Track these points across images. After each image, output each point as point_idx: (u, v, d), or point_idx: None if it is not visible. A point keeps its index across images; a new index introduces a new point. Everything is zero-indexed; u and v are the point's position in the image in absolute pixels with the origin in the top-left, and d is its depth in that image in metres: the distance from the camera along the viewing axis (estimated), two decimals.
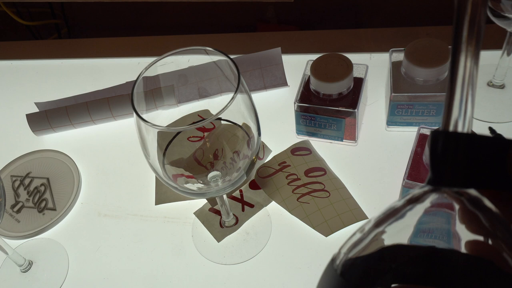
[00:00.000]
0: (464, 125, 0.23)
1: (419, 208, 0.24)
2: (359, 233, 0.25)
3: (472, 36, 0.23)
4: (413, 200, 0.24)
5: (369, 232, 0.24)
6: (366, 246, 0.24)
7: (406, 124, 0.64)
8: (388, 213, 0.24)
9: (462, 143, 0.23)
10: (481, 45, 0.23)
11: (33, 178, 0.70)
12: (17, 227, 0.65)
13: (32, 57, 0.91)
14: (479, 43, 0.23)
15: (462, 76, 0.23)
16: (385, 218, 0.24)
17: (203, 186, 0.49)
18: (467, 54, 0.23)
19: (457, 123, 0.23)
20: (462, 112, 0.23)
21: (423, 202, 0.24)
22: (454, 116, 0.23)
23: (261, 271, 0.57)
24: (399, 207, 0.24)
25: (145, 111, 0.45)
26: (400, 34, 0.79)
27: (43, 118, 0.73)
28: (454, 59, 0.23)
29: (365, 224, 0.25)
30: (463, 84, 0.23)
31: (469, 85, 0.23)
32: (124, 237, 0.63)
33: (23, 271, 0.61)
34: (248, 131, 0.47)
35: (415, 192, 0.24)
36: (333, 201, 0.60)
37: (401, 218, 0.24)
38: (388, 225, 0.24)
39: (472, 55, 0.23)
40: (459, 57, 0.23)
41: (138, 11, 1.08)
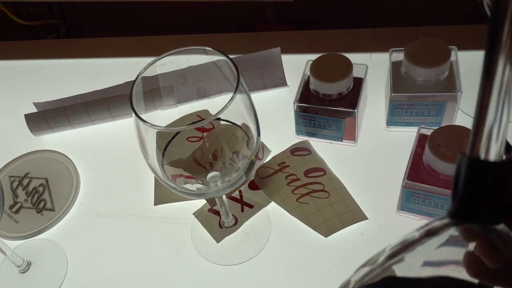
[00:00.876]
0: (497, 151, 0.20)
1: (434, 241, 0.22)
2: (369, 266, 0.23)
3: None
4: (431, 233, 0.22)
5: (382, 264, 0.22)
6: (376, 276, 0.22)
7: (406, 124, 0.64)
8: (404, 245, 0.22)
9: (495, 174, 0.20)
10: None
11: (32, 179, 0.70)
12: (16, 228, 0.65)
13: (31, 57, 0.91)
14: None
15: (498, 90, 0.19)
16: (399, 250, 0.22)
17: (202, 187, 0.49)
18: (506, 63, 0.19)
19: (489, 149, 0.20)
20: (495, 135, 0.20)
21: (439, 236, 0.21)
22: (485, 140, 0.20)
23: (261, 272, 0.57)
24: (415, 239, 0.22)
25: (144, 111, 0.45)
26: (400, 34, 0.79)
27: (42, 118, 0.73)
28: (489, 70, 0.19)
29: (379, 254, 0.23)
30: (498, 100, 0.19)
31: (506, 100, 0.19)
32: (123, 237, 0.62)
33: (21, 271, 0.61)
34: (247, 131, 0.47)
35: (434, 224, 0.22)
36: (333, 202, 0.60)
37: (413, 250, 0.22)
38: (401, 257, 0.22)
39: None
40: (496, 67, 0.19)
41: (137, 11, 1.08)
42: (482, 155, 0.20)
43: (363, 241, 0.57)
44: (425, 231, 0.22)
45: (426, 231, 0.22)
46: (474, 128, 0.20)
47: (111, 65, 0.86)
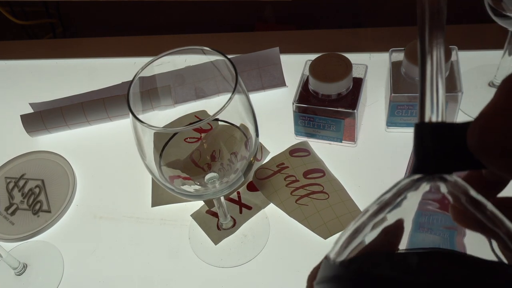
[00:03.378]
0: (438, 115, 0.24)
1: (413, 195, 0.24)
2: (353, 224, 0.25)
3: (436, 26, 0.23)
4: (402, 190, 0.24)
5: (367, 224, 0.24)
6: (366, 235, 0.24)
7: (406, 125, 0.64)
8: (381, 205, 0.24)
9: (436, 132, 0.24)
10: (445, 34, 0.24)
11: (28, 180, 0.69)
12: (12, 230, 0.65)
13: (27, 57, 0.90)
14: (442, 29, 0.23)
15: (430, 69, 0.24)
16: (379, 210, 0.24)
17: (200, 188, 0.49)
18: (433, 47, 0.23)
19: (432, 114, 0.24)
20: (435, 104, 0.24)
21: (416, 190, 0.24)
22: (428, 107, 0.24)
23: (259, 274, 0.57)
24: (390, 198, 0.24)
25: (141, 111, 0.45)
26: (400, 34, 0.79)
27: (38, 119, 0.73)
28: (422, 53, 0.24)
29: (358, 217, 0.25)
30: (432, 76, 0.24)
31: (438, 75, 0.24)
32: (120, 239, 0.62)
33: (17, 274, 0.60)
34: (246, 132, 0.46)
35: (402, 183, 0.24)
36: (332, 203, 0.59)
37: (398, 206, 0.24)
38: (386, 214, 0.24)
39: (437, 45, 0.23)
40: (425, 49, 0.24)
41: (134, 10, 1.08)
42: (426, 119, 0.24)
43: None
44: (398, 190, 0.24)
45: (398, 190, 0.24)
46: (419, 101, 0.24)
47: (108, 65, 0.86)
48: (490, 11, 0.56)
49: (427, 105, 0.24)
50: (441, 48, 0.24)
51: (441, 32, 0.23)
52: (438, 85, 0.24)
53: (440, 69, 0.24)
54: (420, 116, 0.24)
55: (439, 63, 0.24)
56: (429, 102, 0.24)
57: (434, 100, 0.24)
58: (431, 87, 0.24)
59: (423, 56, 0.24)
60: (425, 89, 0.24)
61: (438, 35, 0.23)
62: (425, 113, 0.24)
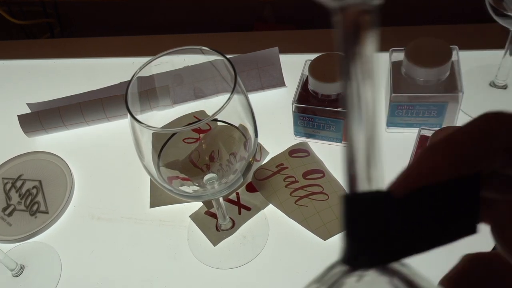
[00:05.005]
0: (372, 181, 0.19)
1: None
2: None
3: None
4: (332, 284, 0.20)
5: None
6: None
7: (407, 125, 0.63)
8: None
9: (376, 205, 0.19)
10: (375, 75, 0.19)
11: (25, 181, 0.69)
12: (9, 231, 0.64)
13: (24, 56, 0.90)
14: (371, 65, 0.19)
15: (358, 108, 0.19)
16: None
17: (199, 189, 0.49)
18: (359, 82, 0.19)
19: (364, 180, 0.19)
20: (367, 165, 0.19)
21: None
22: (358, 171, 0.19)
23: (258, 276, 0.56)
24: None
25: (140, 112, 0.45)
26: (400, 34, 0.78)
27: (36, 119, 0.72)
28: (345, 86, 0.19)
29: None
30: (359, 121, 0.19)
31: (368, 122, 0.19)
32: (118, 241, 0.62)
33: (14, 275, 0.60)
34: (245, 132, 0.46)
35: (326, 278, 0.20)
36: (332, 204, 0.59)
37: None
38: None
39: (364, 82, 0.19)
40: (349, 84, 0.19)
41: (133, 10, 1.07)
42: (359, 189, 0.20)
43: None
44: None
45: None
46: (345, 165, 0.19)
47: (106, 65, 0.86)
48: (491, 10, 0.56)
49: (357, 169, 0.19)
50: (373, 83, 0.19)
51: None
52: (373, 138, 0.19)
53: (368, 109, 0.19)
54: (350, 185, 0.19)
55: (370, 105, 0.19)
56: (362, 164, 0.19)
57: (366, 161, 0.19)
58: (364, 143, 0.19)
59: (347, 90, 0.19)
60: (353, 146, 0.19)
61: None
62: (356, 181, 0.19)
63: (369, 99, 0.19)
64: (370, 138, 0.19)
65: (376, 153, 0.19)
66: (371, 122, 0.19)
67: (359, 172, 0.19)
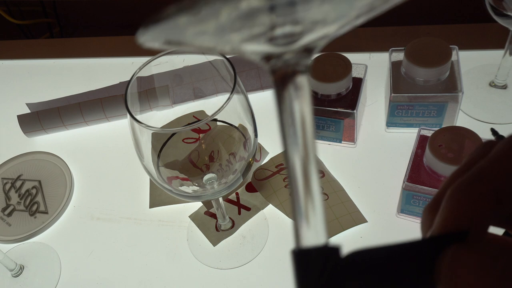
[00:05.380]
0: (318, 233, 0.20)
1: None
2: None
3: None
4: None
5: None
6: None
7: (406, 125, 0.63)
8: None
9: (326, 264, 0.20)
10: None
11: (25, 181, 0.69)
12: (8, 231, 0.64)
13: (24, 56, 0.90)
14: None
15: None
16: None
17: (198, 189, 0.49)
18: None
19: (310, 235, 0.20)
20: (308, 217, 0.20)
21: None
22: (302, 225, 0.20)
23: (258, 276, 0.56)
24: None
25: (139, 112, 0.45)
26: (400, 33, 0.78)
27: (35, 119, 0.72)
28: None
29: None
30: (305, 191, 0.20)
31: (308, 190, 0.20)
32: (118, 241, 0.62)
33: (14, 275, 0.60)
34: (244, 132, 0.46)
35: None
36: (332, 204, 0.59)
37: None
38: None
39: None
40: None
41: (132, 9, 1.07)
42: (306, 244, 0.20)
43: (363, 244, 0.55)
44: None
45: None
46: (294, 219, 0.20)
47: (106, 65, 0.85)
48: (491, 10, 0.55)
49: (301, 225, 0.20)
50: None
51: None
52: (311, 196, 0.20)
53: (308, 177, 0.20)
54: (297, 240, 0.20)
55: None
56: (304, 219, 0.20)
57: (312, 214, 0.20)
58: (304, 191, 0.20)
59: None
60: (297, 204, 0.20)
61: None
62: (301, 237, 0.20)
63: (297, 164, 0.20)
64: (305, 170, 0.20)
65: (314, 197, 0.20)
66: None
67: (303, 224, 0.20)
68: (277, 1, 0.16)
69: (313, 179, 0.20)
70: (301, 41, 0.18)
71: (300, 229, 0.20)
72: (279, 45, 0.18)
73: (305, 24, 0.18)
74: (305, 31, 0.18)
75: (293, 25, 0.17)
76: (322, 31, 0.19)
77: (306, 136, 0.20)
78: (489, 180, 0.20)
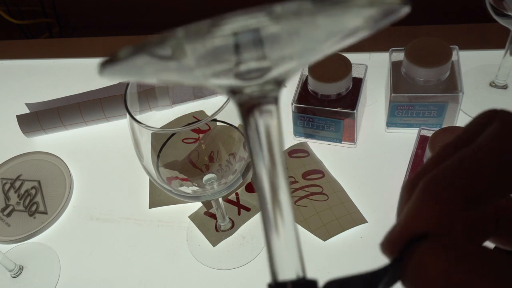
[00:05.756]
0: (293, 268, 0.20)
1: None
2: None
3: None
4: None
5: None
6: None
7: (407, 125, 0.63)
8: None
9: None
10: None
11: (24, 181, 0.69)
12: (8, 231, 0.64)
13: (23, 56, 0.90)
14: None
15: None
16: None
17: (198, 189, 0.49)
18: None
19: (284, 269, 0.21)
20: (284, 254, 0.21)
21: None
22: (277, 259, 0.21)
23: (258, 276, 0.56)
24: None
25: (139, 112, 0.45)
26: (400, 33, 0.78)
27: (34, 119, 0.72)
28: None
29: None
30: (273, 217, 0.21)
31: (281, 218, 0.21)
32: (117, 241, 0.61)
33: (13, 276, 0.60)
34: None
35: None
36: (332, 205, 0.59)
37: None
38: None
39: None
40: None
41: (132, 9, 1.07)
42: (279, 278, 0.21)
43: (363, 245, 0.56)
44: None
45: None
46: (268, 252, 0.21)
47: None
48: (491, 10, 0.55)
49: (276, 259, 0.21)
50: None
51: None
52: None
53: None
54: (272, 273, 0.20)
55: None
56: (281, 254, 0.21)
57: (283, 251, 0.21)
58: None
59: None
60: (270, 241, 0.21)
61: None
62: (276, 269, 0.20)
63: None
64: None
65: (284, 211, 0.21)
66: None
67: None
68: (242, 39, 0.16)
69: (281, 191, 0.21)
70: (270, 74, 0.18)
71: (271, 240, 0.21)
72: (246, 79, 0.18)
73: (272, 59, 0.18)
74: (273, 66, 0.18)
75: (259, 61, 0.17)
76: (292, 65, 0.18)
77: (273, 149, 0.20)
78: (461, 184, 0.20)
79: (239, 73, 0.18)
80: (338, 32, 0.17)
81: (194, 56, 0.16)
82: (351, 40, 0.18)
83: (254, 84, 0.19)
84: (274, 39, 0.16)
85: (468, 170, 0.20)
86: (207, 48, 0.16)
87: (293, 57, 0.18)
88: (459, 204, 0.19)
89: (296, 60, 0.18)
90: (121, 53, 0.16)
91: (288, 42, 0.17)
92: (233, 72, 0.18)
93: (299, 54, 0.18)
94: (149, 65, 0.17)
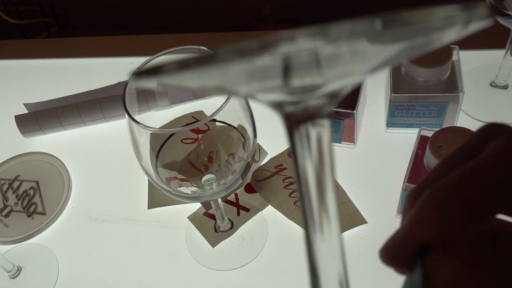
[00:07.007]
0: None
1: None
2: None
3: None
4: None
5: None
6: None
7: (407, 125, 0.63)
8: None
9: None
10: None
11: (22, 182, 0.69)
12: (6, 232, 0.64)
13: (21, 56, 0.90)
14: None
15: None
16: None
17: (197, 190, 0.49)
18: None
19: None
20: None
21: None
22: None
23: (257, 277, 0.56)
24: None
25: (138, 112, 0.44)
26: None
27: (32, 119, 0.72)
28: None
29: None
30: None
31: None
32: (116, 242, 0.61)
33: (11, 277, 0.59)
34: (243, 132, 0.46)
35: None
36: None
37: None
38: None
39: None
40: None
41: (131, 9, 1.07)
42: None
43: (363, 245, 0.56)
44: None
45: None
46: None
47: (104, 65, 0.85)
48: (492, 10, 0.55)
49: None
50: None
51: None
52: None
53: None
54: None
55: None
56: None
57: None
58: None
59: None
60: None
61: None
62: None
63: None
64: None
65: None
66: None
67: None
68: (294, 60, 0.14)
69: (328, 190, 0.20)
70: (323, 89, 0.17)
71: (313, 241, 0.21)
72: (297, 93, 0.17)
73: (329, 77, 0.16)
74: (328, 82, 0.17)
75: (313, 78, 0.16)
76: (351, 80, 0.17)
77: (323, 154, 0.20)
78: (465, 198, 0.20)
79: (290, 88, 0.17)
80: (411, 49, 0.17)
81: (238, 75, 0.15)
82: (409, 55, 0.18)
83: (305, 98, 0.17)
84: (334, 60, 0.15)
85: (472, 184, 0.20)
86: (254, 67, 0.14)
87: (354, 74, 0.17)
88: (462, 217, 0.19)
89: (357, 76, 0.17)
90: (165, 67, 0.15)
91: (350, 62, 0.15)
92: (283, 88, 0.17)
93: (362, 71, 0.17)
94: (192, 79, 0.16)
